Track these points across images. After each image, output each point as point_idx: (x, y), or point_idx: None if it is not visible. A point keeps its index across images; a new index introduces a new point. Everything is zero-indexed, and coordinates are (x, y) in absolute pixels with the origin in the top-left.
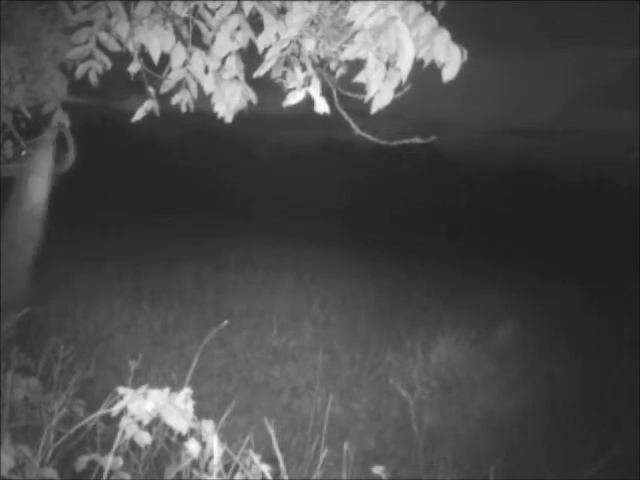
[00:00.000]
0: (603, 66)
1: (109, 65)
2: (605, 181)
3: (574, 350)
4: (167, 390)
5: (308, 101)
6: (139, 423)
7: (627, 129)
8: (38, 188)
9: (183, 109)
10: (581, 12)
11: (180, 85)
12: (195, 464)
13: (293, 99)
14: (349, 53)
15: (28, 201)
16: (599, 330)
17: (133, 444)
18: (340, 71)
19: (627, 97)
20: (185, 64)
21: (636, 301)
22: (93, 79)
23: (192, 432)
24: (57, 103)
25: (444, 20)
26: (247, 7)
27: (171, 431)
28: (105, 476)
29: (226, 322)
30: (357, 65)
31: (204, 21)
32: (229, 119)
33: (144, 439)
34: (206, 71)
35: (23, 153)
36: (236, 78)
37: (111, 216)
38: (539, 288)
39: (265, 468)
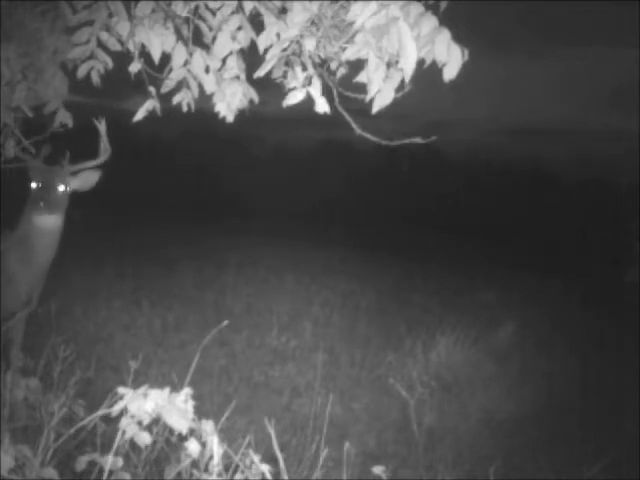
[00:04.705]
0: (603, 66)
1: (110, 65)
2: (605, 181)
3: (574, 350)
4: (167, 390)
5: (309, 101)
6: (139, 423)
7: (627, 129)
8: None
9: (184, 109)
10: (581, 12)
11: (181, 85)
12: (195, 464)
13: (293, 99)
14: (350, 53)
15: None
16: (599, 330)
17: (133, 444)
18: (341, 71)
19: (627, 97)
20: (186, 64)
21: (636, 300)
22: (95, 79)
23: (192, 432)
24: (59, 103)
25: (445, 20)
26: (248, 7)
27: (171, 431)
28: (105, 476)
29: (226, 322)
30: (358, 65)
31: (205, 21)
32: (230, 119)
33: (144, 439)
34: (207, 71)
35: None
36: (237, 78)
37: (111, 216)
38: (539, 288)
39: (265, 468)
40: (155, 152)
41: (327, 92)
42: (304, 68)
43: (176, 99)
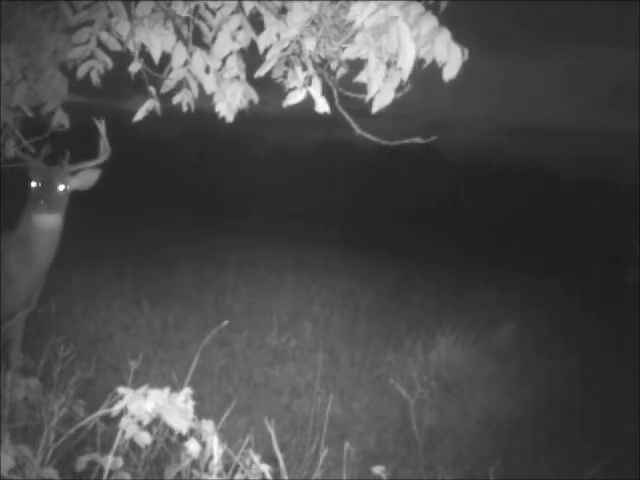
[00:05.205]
0: (603, 66)
1: (110, 65)
2: (605, 181)
3: (574, 350)
4: (167, 390)
5: (309, 101)
6: (139, 423)
7: (627, 129)
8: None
9: (184, 109)
10: (581, 12)
11: (181, 85)
12: (195, 464)
13: (293, 99)
14: (350, 53)
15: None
16: (599, 330)
17: (133, 444)
18: (341, 71)
19: (627, 97)
20: (186, 64)
21: (636, 300)
22: (95, 79)
23: (192, 432)
24: (57, 103)
25: (445, 20)
26: (248, 7)
27: (171, 431)
28: (105, 476)
29: (226, 322)
30: (358, 65)
31: (205, 21)
32: (230, 119)
33: (144, 439)
34: (207, 71)
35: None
36: (237, 78)
37: (111, 216)
38: (539, 288)
39: (265, 468)
40: (155, 152)
41: (327, 92)
42: (304, 68)
43: (176, 99)
